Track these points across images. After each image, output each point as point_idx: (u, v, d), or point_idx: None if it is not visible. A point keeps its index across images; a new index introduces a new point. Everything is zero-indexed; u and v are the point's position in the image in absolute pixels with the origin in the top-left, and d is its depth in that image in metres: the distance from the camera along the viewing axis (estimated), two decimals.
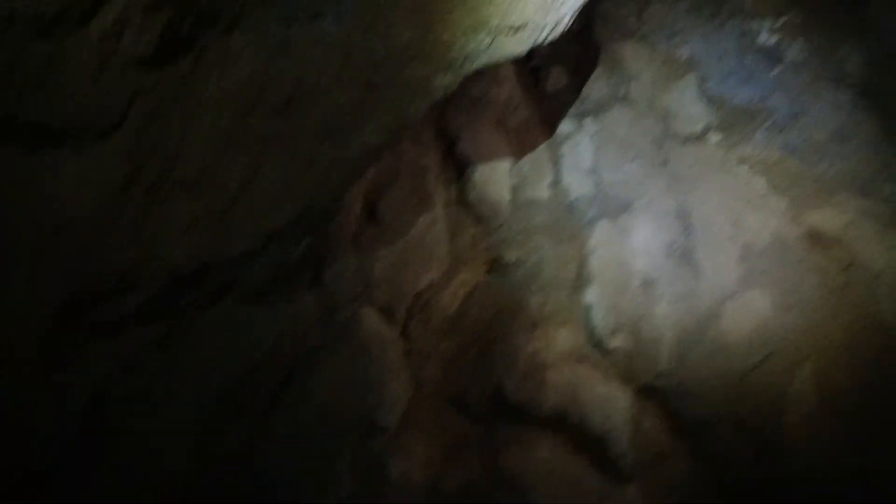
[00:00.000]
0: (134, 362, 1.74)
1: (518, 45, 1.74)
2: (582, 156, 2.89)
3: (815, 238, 3.02)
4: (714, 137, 3.07)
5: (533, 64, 3.05)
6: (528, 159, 2.81)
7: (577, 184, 2.83)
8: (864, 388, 2.83)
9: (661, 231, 2.82)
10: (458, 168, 2.65)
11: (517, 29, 1.67)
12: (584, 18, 2.99)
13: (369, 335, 2.26)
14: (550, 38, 1.80)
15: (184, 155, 1.44)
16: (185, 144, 1.43)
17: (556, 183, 2.83)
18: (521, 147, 2.80)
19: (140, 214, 1.46)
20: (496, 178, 2.68)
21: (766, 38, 3.18)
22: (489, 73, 2.61)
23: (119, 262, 1.52)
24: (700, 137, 3.07)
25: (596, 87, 3.05)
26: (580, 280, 2.69)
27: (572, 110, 2.99)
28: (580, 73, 3.09)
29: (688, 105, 3.12)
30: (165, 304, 1.69)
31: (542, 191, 2.78)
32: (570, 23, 1.84)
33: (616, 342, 2.64)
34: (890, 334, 2.89)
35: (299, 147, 1.59)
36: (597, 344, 2.65)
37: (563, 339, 2.57)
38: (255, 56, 1.48)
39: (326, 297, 2.10)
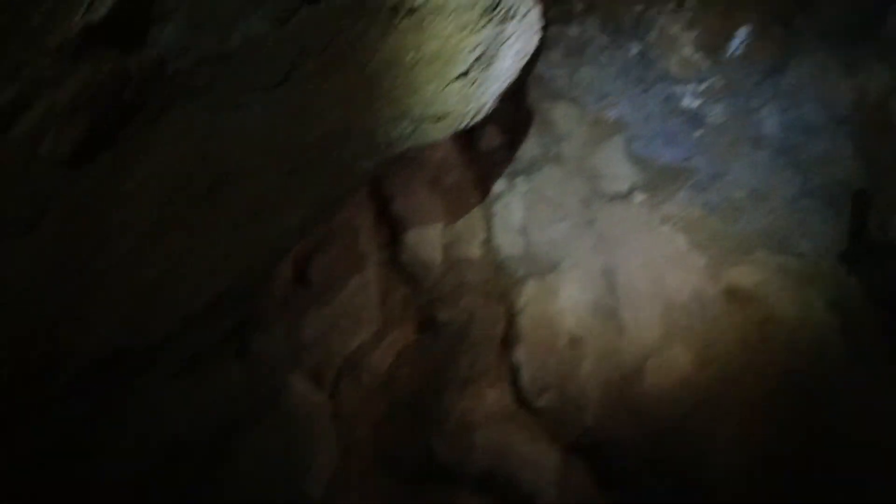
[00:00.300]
0: (60, 441, 1.76)
1: (441, 132, 1.87)
2: (513, 215, 3.04)
3: (734, 294, 3.25)
4: (639, 197, 3.29)
5: None
6: (461, 220, 2.95)
7: (507, 243, 2.98)
8: (785, 440, 3.05)
9: (588, 290, 2.99)
10: (391, 228, 2.76)
11: (439, 118, 1.80)
12: (519, 80, 3.18)
13: (297, 401, 2.31)
14: (473, 122, 1.94)
15: (107, 244, 1.49)
16: (108, 234, 1.48)
17: (487, 242, 2.97)
18: (454, 206, 2.93)
19: (63, 302, 1.50)
20: (429, 238, 2.80)
21: (690, 101, 3.43)
22: None
23: (44, 346, 1.55)
24: (626, 197, 3.28)
25: (528, 146, 3.22)
26: (509, 339, 2.83)
27: (505, 169, 3.15)
28: (513, 133, 3.26)
29: (615, 165, 3.33)
30: (90, 383, 1.72)
31: (473, 250, 2.92)
32: (493, 106, 1.99)
33: (543, 401, 2.77)
34: (808, 388, 3.12)
35: (224, 232, 1.67)
36: (525, 403, 2.78)
37: (492, 398, 2.69)
38: (180, 145, 1.56)
39: (253, 365, 2.15)
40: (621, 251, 3.13)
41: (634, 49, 3.43)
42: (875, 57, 3.29)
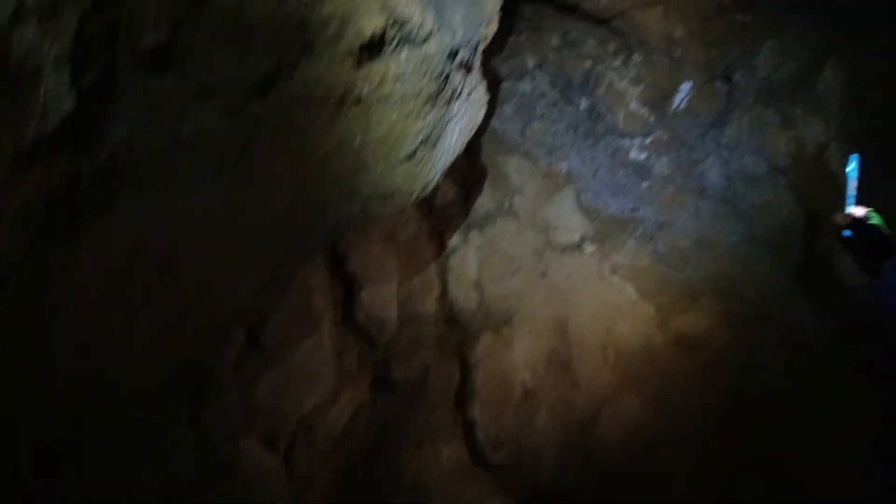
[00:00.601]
0: None
1: (389, 209, 1.96)
2: (467, 269, 3.14)
3: (682, 341, 3.40)
4: (589, 248, 3.43)
5: None
6: (416, 275, 3.03)
7: (462, 297, 3.07)
8: (739, 482, 3.18)
9: (541, 342, 3.09)
10: (346, 286, 2.81)
11: (387, 196, 1.90)
12: (473, 135, 3.30)
13: (249, 466, 2.34)
14: (421, 197, 2.04)
15: (52, 332, 1.53)
16: (54, 323, 1.52)
17: (442, 296, 3.05)
18: (409, 262, 3.01)
19: (4, 387, 1.53)
20: (384, 295, 2.87)
21: (637, 154, 3.60)
22: None
23: None
24: (577, 247, 3.41)
25: (482, 200, 3.34)
26: (464, 395, 2.90)
27: (459, 223, 3.26)
28: (468, 186, 3.37)
29: (566, 216, 3.47)
30: (37, 463, 1.74)
31: (428, 305, 3.00)
32: (441, 180, 2.09)
33: (499, 456, 2.85)
34: (758, 429, 3.27)
35: (172, 312, 1.72)
36: (480, 459, 2.85)
37: (447, 456, 2.75)
38: (129, 233, 1.61)
39: (205, 433, 2.18)
40: (573, 302, 3.25)
41: (584, 104, 3.60)
42: (810, 111, 3.52)
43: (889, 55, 3.41)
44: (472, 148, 3.42)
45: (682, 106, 3.61)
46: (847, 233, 2.02)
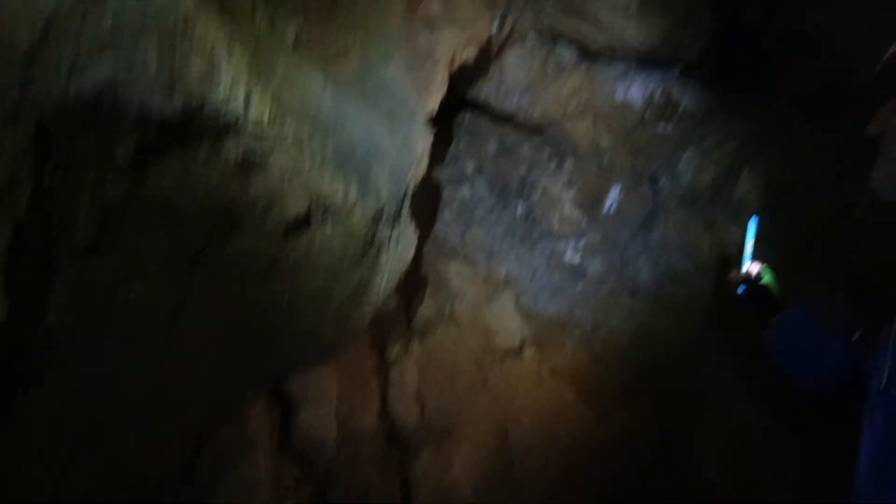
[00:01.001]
0: None
1: (320, 355, 2.06)
2: (408, 381, 3.22)
3: (622, 439, 3.52)
4: (529, 351, 3.55)
5: None
6: (356, 390, 3.10)
7: (402, 411, 3.13)
8: None
9: (482, 452, 3.16)
10: (284, 409, 2.85)
11: (318, 346, 2.00)
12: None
13: None
14: (350, 342, 2.14)
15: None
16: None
17: (383, 411, 3.12)
18: (350, 376, 3.07)
19: None
20: (323, 414, 2.91)
21: (571, 256, 3.79)
22: None
23: None
24: (517, 353, 3.53)
25: (422, 307, 3.45)
26: None
27: (400, 332, 3.35)
28: (408, 294, 3.49)
29: (506, 320, 3.60)
30: None
31: (369, 421, 3.05)
32: (369, 322, 2.20)
33: None
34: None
35: (106, 462, 1.76)
36: None
37: None
38: (63, 396, 1.66)
39: None
40: (514, 409, 3.34)
41: (520, 208, 3.79)
42: (729, 217, 3.78)
43: (803, 163, 3.72)
44: (414, 257, 3.56)
45: (612, 209, 3.83)
46: (741, 289, 2.22)
